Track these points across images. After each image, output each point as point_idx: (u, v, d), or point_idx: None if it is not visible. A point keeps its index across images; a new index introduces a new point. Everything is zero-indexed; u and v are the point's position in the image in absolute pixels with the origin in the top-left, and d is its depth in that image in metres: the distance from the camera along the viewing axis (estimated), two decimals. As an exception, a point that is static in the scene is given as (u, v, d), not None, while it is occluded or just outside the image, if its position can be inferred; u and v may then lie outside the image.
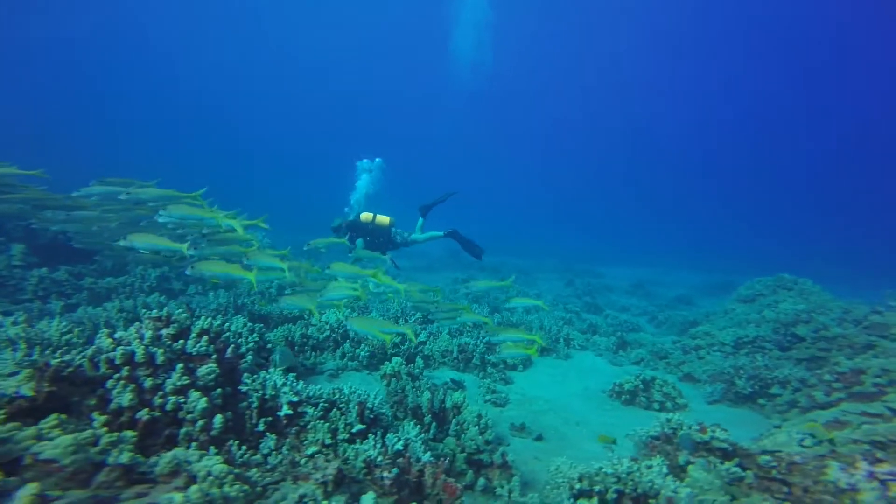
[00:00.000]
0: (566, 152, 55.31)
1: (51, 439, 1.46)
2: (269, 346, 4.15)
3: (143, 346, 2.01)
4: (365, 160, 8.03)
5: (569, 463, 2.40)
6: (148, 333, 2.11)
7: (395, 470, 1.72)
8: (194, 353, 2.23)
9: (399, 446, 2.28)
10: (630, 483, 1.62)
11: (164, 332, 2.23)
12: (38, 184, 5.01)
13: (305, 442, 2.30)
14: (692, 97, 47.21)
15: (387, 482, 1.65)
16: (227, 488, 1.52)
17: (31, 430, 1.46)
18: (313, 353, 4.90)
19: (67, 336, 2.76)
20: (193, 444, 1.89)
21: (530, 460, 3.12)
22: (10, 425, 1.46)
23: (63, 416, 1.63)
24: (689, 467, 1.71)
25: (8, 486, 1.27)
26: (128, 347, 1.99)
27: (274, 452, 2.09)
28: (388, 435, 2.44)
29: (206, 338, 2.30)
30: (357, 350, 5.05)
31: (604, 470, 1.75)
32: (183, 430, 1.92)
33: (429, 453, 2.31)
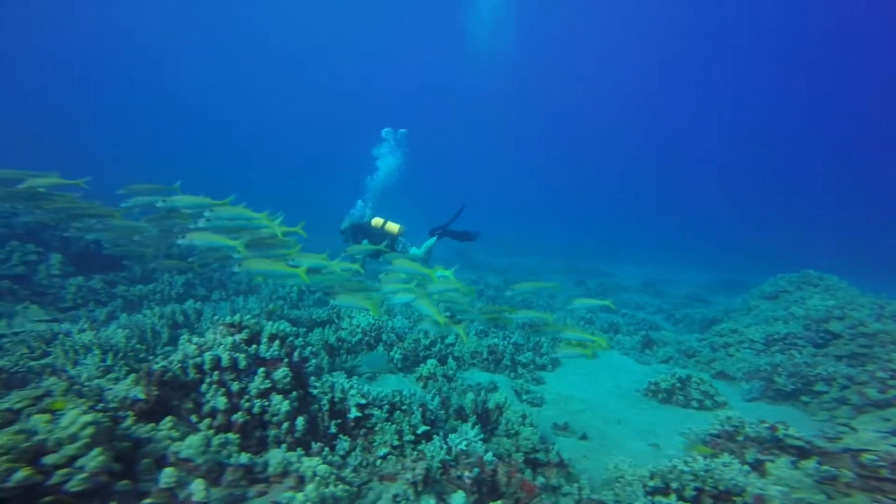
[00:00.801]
0: (568, 151, 55.31)
1: (172, 439, 1.60)
2: (310, 349, 4.29)
3: (228, 352, 2.14)
4: (389, 129, 8.04)
5: (627, 461, 2.51)
6: (227, 340, 2.25)
7: (476, 470, 1.83)
8: (268, 358, 2.37)
9: (463, 446, 2.40)
10: (710, 480, 1.71)
11: (237, 337, 2.37)
12: (74, 191, 5.19)
13: (374, 443, 2.43)
14: (696, 93, 46.97)
15: (467, 481, 1.76)
16: (332, 488, 1.65)
17: (165, 431, 1.59)
18: (348, 357, 5.05)
19: (132, 342, 2.91)
20: (283, 445, 2.02)
21: (580, 459, 3.22)
22: (148, 426, 1.59)
23: (173, 419, 1.76)
24: (769, 465, 1.79)
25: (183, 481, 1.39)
26: (214, 353, 2.13)
27: (352, 454, 2.21)
28: (451, 436, 2.56)
29: (277, 342, 2.44)
30: (391, 353, 5.18)
31: (678, 468, 1.85)
32: (272, 433, 2.05)
33: (490, 452, 2.43)
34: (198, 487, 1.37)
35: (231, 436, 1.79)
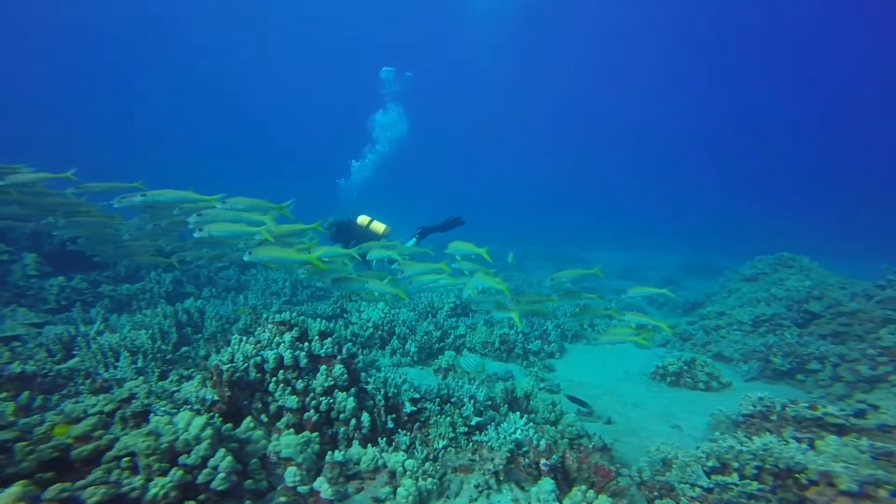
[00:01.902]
0: (545, 139, 56.40)
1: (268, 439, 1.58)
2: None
3: (289, 351, 2.11)
4: (390, 69, 7.80)
5: (667, 443, 2.69)
6: (286, 338, 2.21)
7: (555, 457, 1.92)
8: (322, 355, 2.36)
9: (518, 435, 2.49)
10: (770, 459, 1.87)
11: (288, 335, 2.34)
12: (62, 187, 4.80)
13: (430, 436, 2.48)
14: (670, 81, 48.88)
15: (544, 469, 1.85)
16: (421, 481, 1.69)
17: (261, 431, 1.57)
18: (364, 351, 5.04)
19: (158, 343, 2.79)
20: (356, 441, 2.03)
21: (612, 443, 3.41)
22: (244, 426, 1.57)
23: (252, 419, 1.74)
24: (819, 443, 1.97)
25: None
26: (277, 352, 2.09)
27: (415, 447, 2.25)
28: (504, 425, 2.65)
29: (329, 339, 2.43)
30: (406, 346, 5.22)
31: (736, 447, 2.00)
32: (341, 430, 2.06)
33: (543, 440, 2.53)
34: (323, 485, 1.38)
35: (312, 435, 1.79)
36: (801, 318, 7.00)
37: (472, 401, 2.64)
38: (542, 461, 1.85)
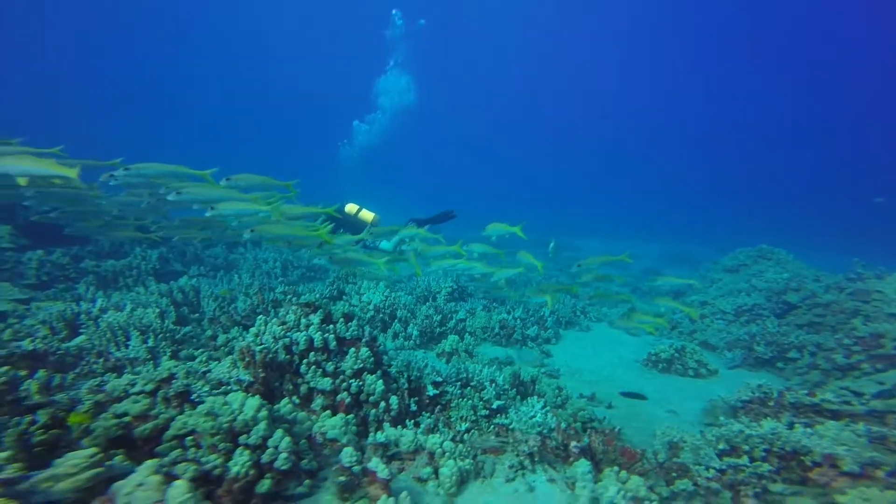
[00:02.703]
0: (533, 130, 56.71)
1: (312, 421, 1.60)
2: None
3: (318, 333, 2.11)
4: (398, 11, 7.58)
5: (675, 427, 2.86)
6: (315, 320, 2.20)
7: (586, 440, 2.02)
8: (348, 338, 2.36)
9: (539, 418, 2.59)
10: (778, 442, 2.02)
11: (315, 317, 2.33)
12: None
13: (452, 419, 2.55)
14: (655, 77, 49.80)
15: (575, 451, 1.95)
16: (460, 462, 1.75)
17: (304, 413, 1.58)
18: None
19: (166, 323, 2.72)
20: (386, 424, 2.06)
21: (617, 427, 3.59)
22: (287, 407, 1.57)
23: (289, 401, 1.75)
24: (818, 427, 2.15)
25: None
26: (307, 334, 2.08)
27: (441, 429, 2.32)
28: (523, 409, 2.75)
29: (354, 322, 2.43)
30: (408, 329, 5.26)
31: (745, 431, 2.16)
32: (371, 412, 2.09)
33: (563, 423, 2.65)
34: (378, 465, 1.42)
35: (349, 417, 1.81)
36: (780, 309, 7.42)
37: (493, 384, 2.71)
38: (573, 443, 1.94)
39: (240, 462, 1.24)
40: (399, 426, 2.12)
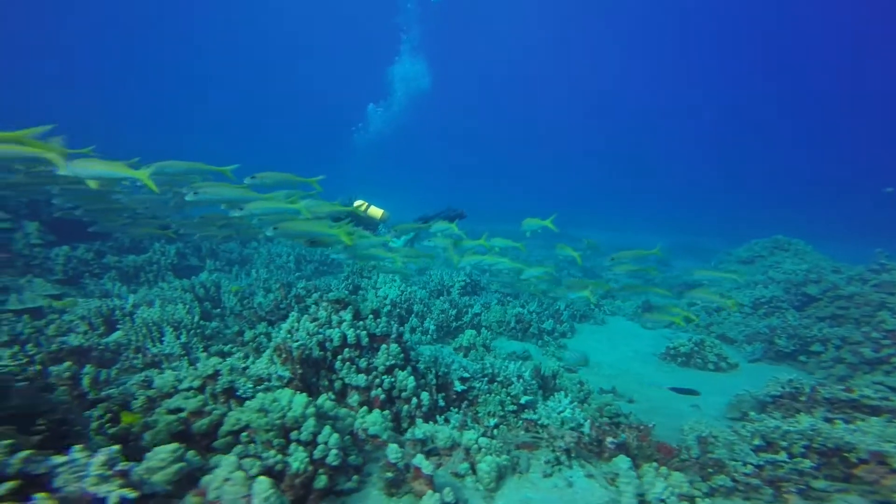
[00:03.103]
0: (535, 121, 56.25)
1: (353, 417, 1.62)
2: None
3: (352, 329, 2.13)
4: None
5: (703, 421, 2.85)
6: (347, 316, 2.22)
7: (623, 436, 2.02)
8: (378, 334, 2.38)
9: (568, 414, 2.60)
10: (818, 439, 2.00)
11: (347, 314, 2.35)
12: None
13: (479, 414, 2.57)
14: (661, 73, 49.26)
15: (610, 446, 1.95)
16: (496, 457, 1.77)
17: (345, 409, 1.61)
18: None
19: (195, 319, 2.77)
20: (419, 420, 2.09)
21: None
22: (329, 403, 1.60)
23: (328, 397, 1.77)
24: (861, 423, 2.12)
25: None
26: (340, 330, 2.10)
27: (470, 425, 2.34)
28: (550, 404, 2.76)
29: (383, 318, 2.44)
30: (425, 323, 5.28)
31: (782, 427, 2.14)
32: (403, 408, 2.12)
33: (589, 420, 2.65)
34: (423, 462, 1.44)
35: (386, 413, 1.84)
36: (799, 301, 7.31)
37: (520, 380, 2.72)
38: (609, 439, 1.95)
39: (299, 458, 1.28)
40: (430, 422, 2.14)
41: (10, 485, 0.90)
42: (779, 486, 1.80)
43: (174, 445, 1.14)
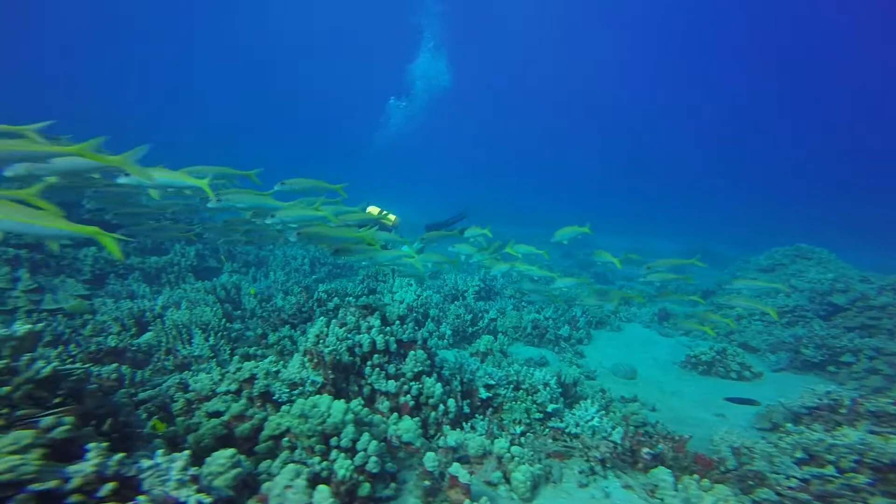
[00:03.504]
0: (547, 123, 56.16)
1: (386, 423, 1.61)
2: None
3: (381, 336, 2.12)
4: None
5: (734, 432, 2.77)
6: (376, 322, 2.21)
7: (660, 446, 1.97)
8: (405, 340, 2.37)
9: (597, 422, 2.55)
10: (870, 453, 1.91)
11: (376, 320, 2.34)
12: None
13: (504, 421, 2.53)
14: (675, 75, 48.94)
15: (646, 457, 1.90)
16: (529, 466, 1.73)
17: (379, 416, 1.60)
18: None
19: (223, 321, 2.80)
20: (446, 427, 2.07)
21: (663, 429, 3.50)
22: (364, 410, 1.59)
23: (362, 402, 1.77)
24: None
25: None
26: (369, 336, 2.10)
27: (496, 433, 2.30)
28: (578, 412, 2.71)
29: (410, 324, 2.43)
30: (441, 328, 5.26)
31: (827, 441, 2.06)
32: (431, 415, 2.10)
33: (619, 429, 2.59)
34: (460, 471, 1.42)
35: (416, 420, 1.82)
36: (824, 311, 7.09)
37: (546, 388, 2.68)
38: (645, 450, 1.90)
39: (344, 466, 1.27)
40: (457, 429, 2.12)
41: (111, 486, 0.93)
42: (830, 502, 1.72)
43: (231, 451, 1.15)
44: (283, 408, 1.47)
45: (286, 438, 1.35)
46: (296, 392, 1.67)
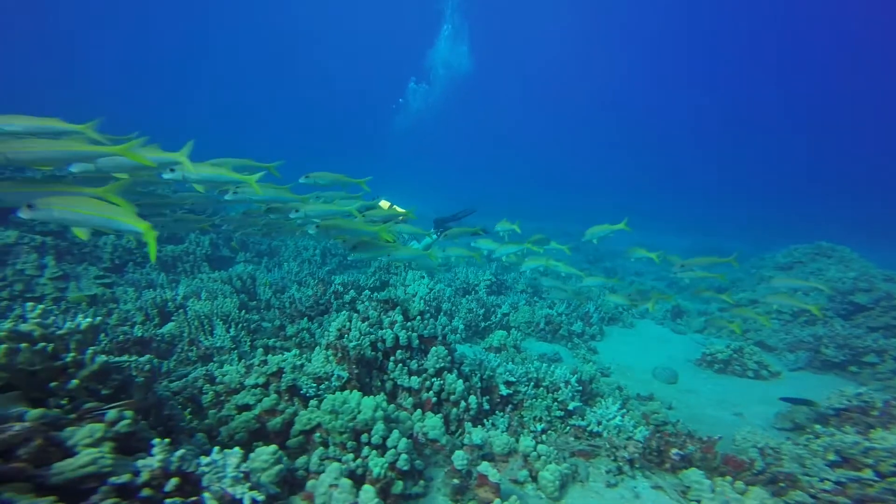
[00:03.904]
0: (555, 119, 55.38)
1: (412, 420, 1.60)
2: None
3: (404, 332, 2.10)
4: None
5: (755, 432, 2.71)
6: (398, 317, 2.19)
7: (690, 447, 1.93)
8: (426, 335, 2.34)
9: (619, 421, 2.51)
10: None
11: (394, 314, 2.32)
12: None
13: (525, 419, 2.50)
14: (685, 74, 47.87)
15: (675, 458, 1.86)
16: (556, 465, 1.71)
17: (405, 412, 1.58)
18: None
19: (244, 313, 2.81)
20: (467, 423, 2.05)
21: (681, 427, 3.45)
22: (391, 406, 1.57)
23: (385, 398, 1.75)
24: None
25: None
26: (392, 332, 2.08)
27: (516, 430, 2.28)
28: (598, 410, 2.67)
29: (431, 320, 2.40)
30: (454, 322, 5.24)
31: (863, 444, 1.99)
32: (453, 411, 2.08)
33: (642, 428, 2.55)
34: (490, 470, 1.40)
35: (440, 416, 1.80)
36: (845, 310, 6.91)
37: (567, 386, 2.64)
38: (674, 451, 1.85)
39: (379, 464, 1.26)
40: (479, 426, 2.10)
41: (175, 481, 0.93)
42: (870, 509, 1.68)
43: (273, 447, 1.14)
44: (311, 402, 1.46)
45: (318, 434, 1.34)
46: (322, 386, 1.66)
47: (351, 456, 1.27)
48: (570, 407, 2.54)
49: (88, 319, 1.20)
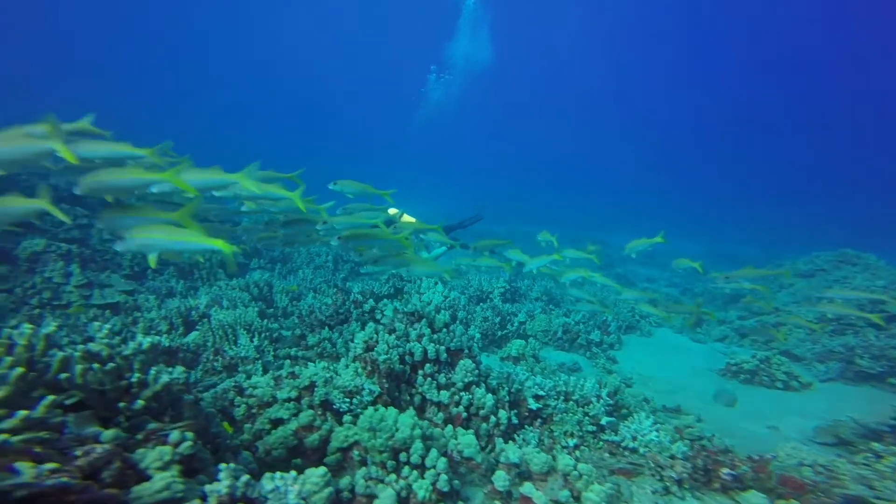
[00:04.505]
0: (562, 120, 55.20)
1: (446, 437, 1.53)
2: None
3: (433, 345, 2.04)
4: None
5: (799, 447, 2.57)
6: (426, 330, 2.13)
7: (743, 468, 1.82)
8: (453, 348, 2.28)
9: (654, 437, 2.40)
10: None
11: (421, 327, 2.26)
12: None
13: (555, 433, 2.41)
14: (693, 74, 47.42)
15: (726, 478, 1.75)
16: (600, 486, 1.62)
17: (437, 429, 1.52)
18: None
19: (266, 322, 2.78)
20: (498, 439, 1.97)
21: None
22: (424, 423, 1.52)
23: (415, 414, 1.69)
24: None
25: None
26: (421, 345, 2.02)
27: (546, 445, 2.19)
28: (632, 425, 2.56)
29: (461, 330, 2.34)
30: (470, 331, 5.16)
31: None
32: (483, 426, 2.00)
33: (679, 443, 2.43)
34: (534, 492, 1.33)
35: (471, 432, 1.73)
36: (875, 320, 6.66)
37: (599, 400, 2.54)
38: (725, 471, 1.75)
39: (423, 486, 1.20)
40: (510, 441, 2.02)
41: None
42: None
43: (322, 469, 1.10)
44: (345, 418, 1.40)
45: (356, 451, 1.29)
46: (354, 401, 1.60)
47: (393, 477, 1.22)
48: (603, 422, 2.44)
49: (149, 339, 1.18)
